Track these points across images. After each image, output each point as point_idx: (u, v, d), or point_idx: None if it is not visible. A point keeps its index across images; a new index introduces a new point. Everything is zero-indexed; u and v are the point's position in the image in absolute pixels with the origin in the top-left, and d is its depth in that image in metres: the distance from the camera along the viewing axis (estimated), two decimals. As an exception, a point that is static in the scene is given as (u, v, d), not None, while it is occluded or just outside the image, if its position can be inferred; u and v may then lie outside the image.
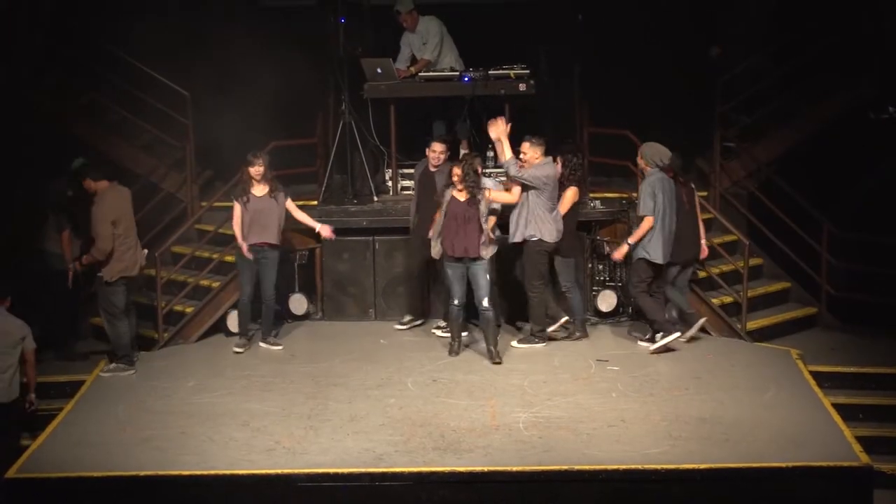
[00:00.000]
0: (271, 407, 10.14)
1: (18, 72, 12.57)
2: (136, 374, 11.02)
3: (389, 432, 9.56)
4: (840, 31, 12.71)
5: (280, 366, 11.12)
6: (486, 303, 10.86)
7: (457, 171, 10.91)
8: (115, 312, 11.11)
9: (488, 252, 10.89)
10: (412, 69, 13.00)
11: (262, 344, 11.57)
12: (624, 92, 13.11)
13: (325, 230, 11.56)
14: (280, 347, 11.55)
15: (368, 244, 12.29)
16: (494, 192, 11.09)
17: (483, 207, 10.85)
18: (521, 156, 11.18)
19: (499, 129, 11.20)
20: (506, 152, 11.11)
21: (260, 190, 11.37)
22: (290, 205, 11.51)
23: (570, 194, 11.42)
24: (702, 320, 11.40)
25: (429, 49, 12.97)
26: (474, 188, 10.85)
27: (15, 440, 10.26)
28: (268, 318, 11.59)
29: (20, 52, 12.67)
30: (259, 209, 11.32)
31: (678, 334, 11.18)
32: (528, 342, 11.41)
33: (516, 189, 11.14)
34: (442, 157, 11.66)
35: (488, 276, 10.89)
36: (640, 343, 11.43)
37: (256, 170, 11.33)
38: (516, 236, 11.23)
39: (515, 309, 11.91)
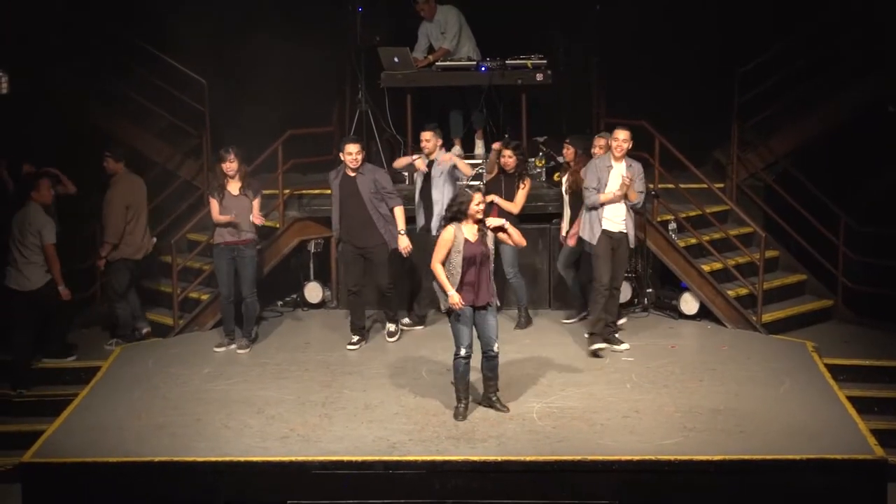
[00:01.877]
0: (286, 394, 10.17)
1: (37, 58, 12.59)
2: (151, 360, 11.05)
3: (403, 421, 9.57)
4: (859, 23, 12.65)
5: (295, 354, 11.15)
6: (496, 347, 9.60)
7: (476, 205, 9.35)
8: (113, 294, 11.33)
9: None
10: (430, 58, 12.99)
11: (237, 350, 11.24)
12: (641, 82, 13.08)
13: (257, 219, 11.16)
14: (246, 351, 11.22)
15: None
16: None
17: (490, 240, 9.54)
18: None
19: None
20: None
21: (234, 186, 11.16)
22: (255, 203, 11.13)
23: (528, 185, 11.56)
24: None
25: (447, 38, 12.95)
26: (484, 226, 9.46)
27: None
28: (249, 319, 11.35)
29: (38, 39, 12.69)
30: (232, 206, 11.08)
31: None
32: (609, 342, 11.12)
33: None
34: (359, 158, 11.01)
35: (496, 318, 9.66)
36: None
37: (228, 165, 11.09)
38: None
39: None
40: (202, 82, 12.94)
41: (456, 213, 9.37)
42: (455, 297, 9.27)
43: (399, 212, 11.14)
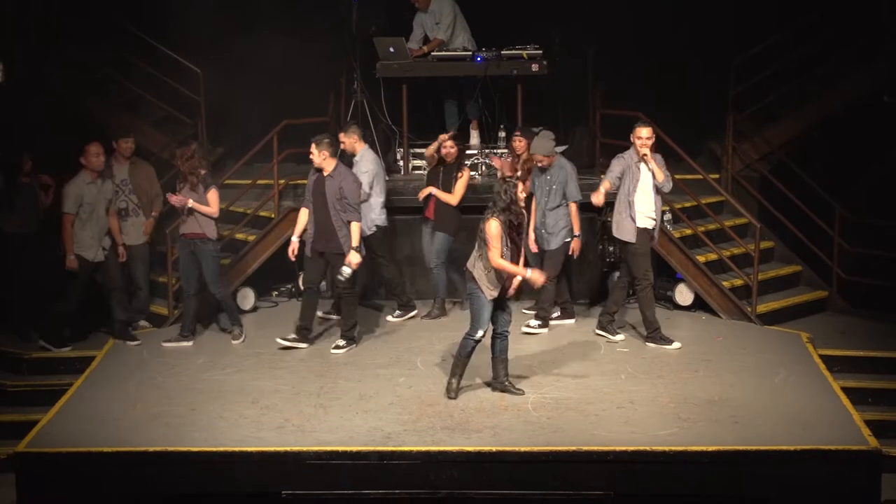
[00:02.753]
0: (281, 385, 10.17)
1: (33, 48, 12.57)
2: (146, 350, 11.06)
3: (398, 411, 9.58)
4: (855, 14, 12.65)
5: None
6: (509, 328, 9.88)
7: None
8: (109, 284, 11.31)
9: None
10: (425, 48, 12.97)
11: (231, 341, 11.21)
12: (637, 73, 13.07)
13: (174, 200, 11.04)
14: (241, 341, 11.20)
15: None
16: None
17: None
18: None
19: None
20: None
21: (185, 182, 11.07)
22: (211, 196, 11.03)
23: (466, 176, 11.56)
24: None
25: (442, 29, 12.93)
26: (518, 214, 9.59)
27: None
28: (231, 311, 11.30)
29: (35, 28, 12.66)
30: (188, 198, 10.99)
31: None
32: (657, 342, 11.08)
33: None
34: (322, 159, 10.73)
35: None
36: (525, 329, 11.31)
37: (181, 161, 11.05)
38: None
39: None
40: (198, 72, 12.92)
41: (506, 206, 9.46)
42: (534, 274, 9.62)
43: (355, 227, 10.72)
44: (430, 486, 8.87)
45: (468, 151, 12.76)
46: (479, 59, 12.71)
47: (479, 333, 9.63)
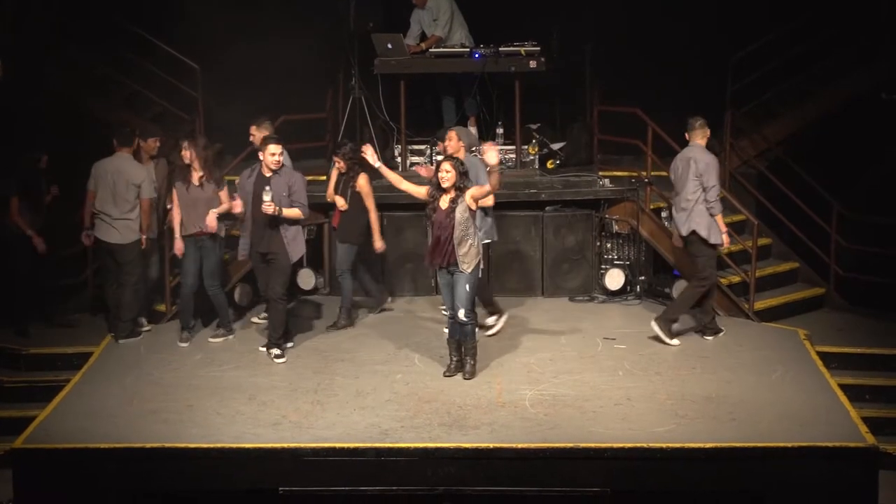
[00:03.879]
0: (278, 381, 10.16)
1: (31, 44, 12.56)
2: (143, 346, 11.06)
3: (395, 408, 9.58)
4: (853, 12, 12.64)
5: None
6: (461, 315, 9.93)
7: (447, 171, 9.80)
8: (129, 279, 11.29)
9: (470, 264, 9.90)
10: (423, 45, 12.96)
11: (211, 339, 11.15)
12: (635, 70, 13.07)
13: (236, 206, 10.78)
14: (231, 337, 11.18)
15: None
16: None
17: (461, 212, 9.82)
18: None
19: None
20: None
21: (196, 177, 10.96)
22: (224, 194, 10.94)
23: (365, 182, 11.22)
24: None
25: (440, 25, 12.93)
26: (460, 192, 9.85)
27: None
28: (222, 309, 11.24)
29: (32, 24, 12.65)
30: (196, 197, 10.89)
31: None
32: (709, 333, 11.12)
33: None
34: (281, 160, 10.48)
35: (468, 287, 9.89)
36: (488, 333, 11.13)
37: (185, 153, 10.92)
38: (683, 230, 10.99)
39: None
40: (196, 68, 12.91)
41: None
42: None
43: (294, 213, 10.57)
44: (428, 482, 8.87)
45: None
46: (476, 55, 12.70)
47: (447, 311, 10.09)
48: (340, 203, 11.28)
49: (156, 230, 11.44)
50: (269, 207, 10.31)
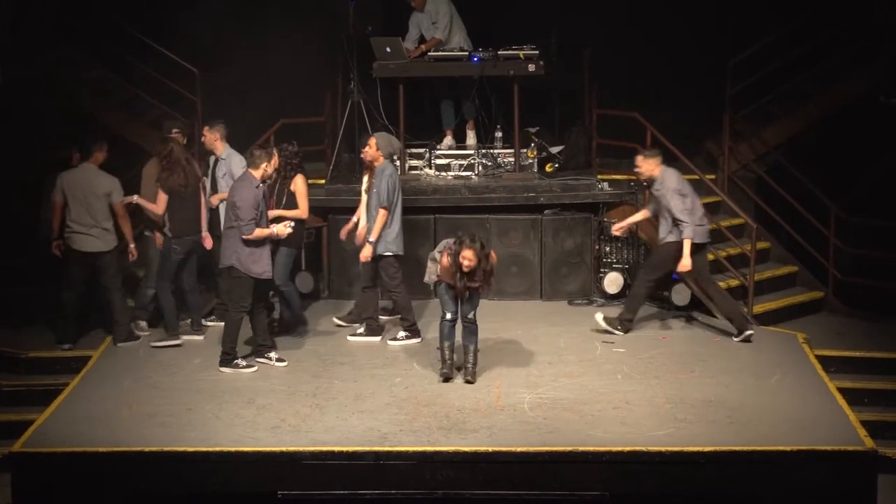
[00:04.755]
0: (277, 385, 10.16)
1: (30, 46, 12.56)
2: (142, 350, 11.03)
3: (394, 411, 9.57)
4: (851, 15, 12.66)
5: (286, 344, 11.12)
6: (471, 316, 10.08)
7: (469, 260, 9.69)
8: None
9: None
10: (422, 47, 12.97)
11: (191, 336, 11.21)
12: (633, 73, 13.08)
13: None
14: (202, 337, 11.23)
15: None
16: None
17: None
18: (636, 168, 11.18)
19: None
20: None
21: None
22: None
23: (302, 183, 11.11)
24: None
25: (440, 28, 12.93)
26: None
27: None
28: (197, 306, 11.33)
29: (32, 26, 12.66)
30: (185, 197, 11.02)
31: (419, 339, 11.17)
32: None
33: None
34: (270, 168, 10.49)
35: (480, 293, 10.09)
36: (390, 342, 11.12)
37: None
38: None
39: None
40: (194, 71, 12.91)
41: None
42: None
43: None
44: (426, 486, 8.86)
45: (464, 152, 12.80)
46: (475, 59, 12.71)
47: (448, 315, 10.07)
48: (297, 213, 11.10)
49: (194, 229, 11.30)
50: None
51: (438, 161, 12.95)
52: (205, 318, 11.60)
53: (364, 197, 11.21)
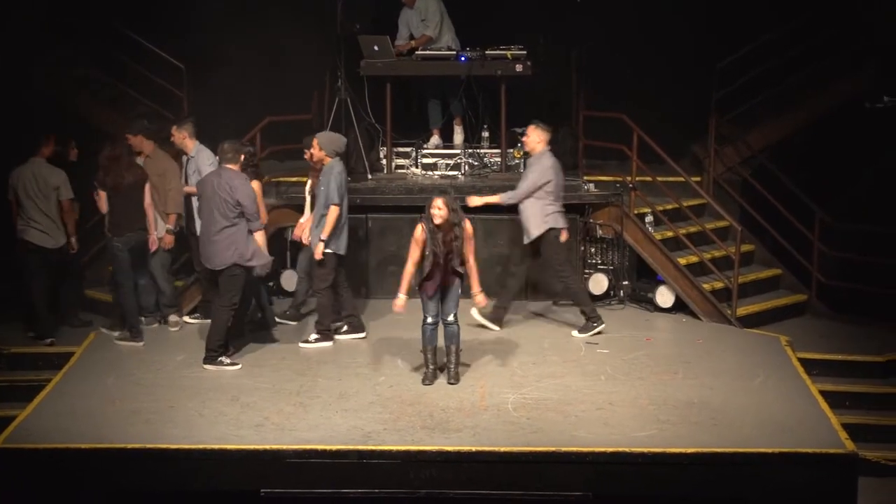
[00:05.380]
0: (261, 382, 10.15)
1: (18, 43, 12.52)
2: (125, 347, 11.03)
3: (378, 410, 9.57)
4: (837, 21, 12.70)
5: (270, 342, 11.12)
6: (452, 317, 10.09)
7: (439, 208, 9.81)
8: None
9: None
10: (413, 43, 12.95)
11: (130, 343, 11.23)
12: (620, 75, 13.09)
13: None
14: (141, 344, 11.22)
15: (362, 222, 12.29)
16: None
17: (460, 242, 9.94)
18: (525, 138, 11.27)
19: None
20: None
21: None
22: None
23: (257, 188, 10.99)
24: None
25: (430, 26, 12.92)
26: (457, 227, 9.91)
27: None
28: (146, 307, 11.43)
29: (19, 23, 12.61)
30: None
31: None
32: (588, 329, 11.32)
33: None
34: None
35: (459, 290, 10.10)
36: (301, 344, 11.06)
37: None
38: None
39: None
40: (181, 68, 12.88)
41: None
42: (400, 301, 9.96)
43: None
44: (410, 485, 8.86)
45: (451, 151, 12.80)
46: (463, 58, 12.71)
47: (429, 318, 10.09)
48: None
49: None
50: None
51: (425, 160, 12.95)
52: (189, 315, 11.60)
53: (308, 198, 11.29)
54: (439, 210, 9.81)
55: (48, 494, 8.95)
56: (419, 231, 9.90)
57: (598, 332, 11.21)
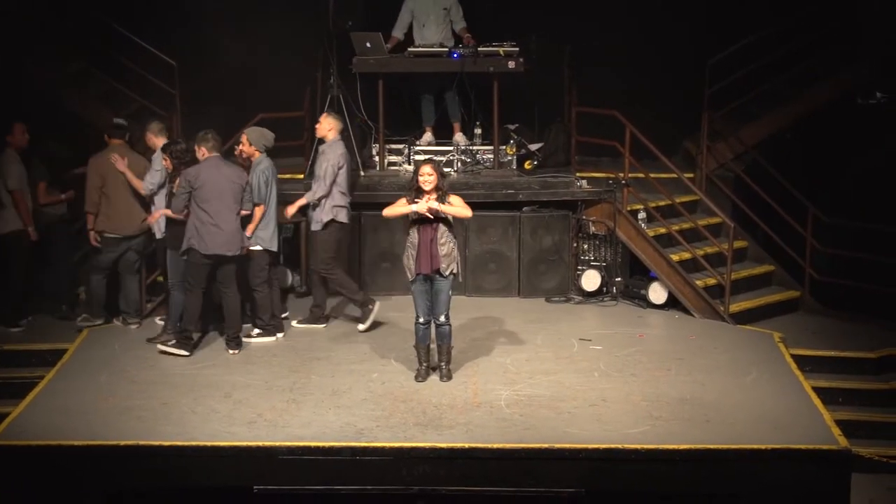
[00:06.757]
0: (254, 379, 10.14)
1: (10, 40, 12.49)
2: (118, 343, 11.00)
3: (371, 407, 9.57)
4: (830, 17, 12.71)
5: (262, 338, 11.10)
6: (443, 318, 10.01)
7: (429, 174, 9.81)
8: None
9: (450, 267, 9.94)
10: (467, 37, 12.84)
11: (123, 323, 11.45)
12: (613, 71, 13.10)
13: None
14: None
15: (355, 218, 12.26)
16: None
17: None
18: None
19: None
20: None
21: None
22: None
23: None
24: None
25: (461, 19, 12.92)
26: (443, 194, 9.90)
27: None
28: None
29: (13, 20, 12.58)
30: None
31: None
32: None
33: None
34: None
35: (450, 292, 10.02)
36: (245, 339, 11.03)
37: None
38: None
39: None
40: (173, 64, 12.86)
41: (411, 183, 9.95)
42: (423, 206, 9.80)
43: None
44: (403, 482, 8.87)
45: (445, 148, 12.80)
46: (455, 55, 12.71)
47: (420, 318, 10.07)
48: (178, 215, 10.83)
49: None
50: None
51: (417, 157, 12.94)
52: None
53: None
54: (429, 176, 9.82)
55: (41, 491, 8.94)
56: (403, 203, 9.94)
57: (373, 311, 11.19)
